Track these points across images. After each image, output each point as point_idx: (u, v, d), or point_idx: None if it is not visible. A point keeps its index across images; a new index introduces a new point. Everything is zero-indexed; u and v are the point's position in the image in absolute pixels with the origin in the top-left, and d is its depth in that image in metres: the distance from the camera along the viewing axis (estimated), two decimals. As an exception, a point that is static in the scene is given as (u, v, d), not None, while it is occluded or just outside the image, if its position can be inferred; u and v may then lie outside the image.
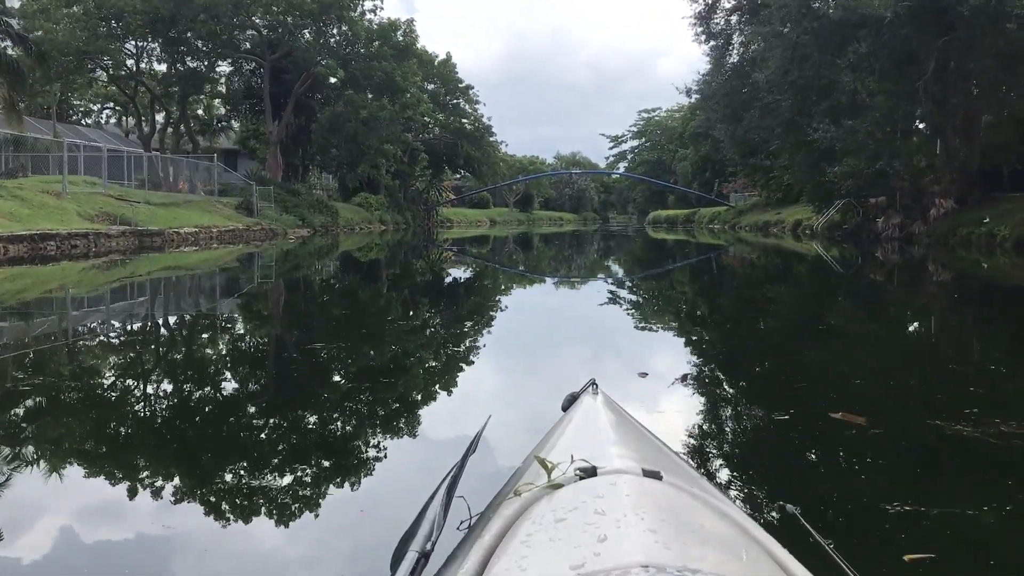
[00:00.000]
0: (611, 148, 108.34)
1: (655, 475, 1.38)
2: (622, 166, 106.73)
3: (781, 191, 51.64)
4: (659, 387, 5.39)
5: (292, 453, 3.95)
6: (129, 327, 8.62)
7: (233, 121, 48.99)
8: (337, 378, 6.00)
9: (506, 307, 11.40)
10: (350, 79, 36.22)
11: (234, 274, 16.58)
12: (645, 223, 79.34)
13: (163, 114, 42.44)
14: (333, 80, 37.06)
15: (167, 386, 5.57)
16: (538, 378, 6.22)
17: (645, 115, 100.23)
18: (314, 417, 4.73)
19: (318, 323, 9.36)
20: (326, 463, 3.80)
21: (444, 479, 1.59)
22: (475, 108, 55.05)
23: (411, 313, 10.38)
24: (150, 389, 5.50)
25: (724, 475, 3.60)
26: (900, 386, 5.73)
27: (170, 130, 40.46)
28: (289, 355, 7.01)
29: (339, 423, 4.65)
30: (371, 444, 4.12)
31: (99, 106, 56.99)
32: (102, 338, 7.75)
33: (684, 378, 5.53)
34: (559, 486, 1.36)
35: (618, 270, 20.55)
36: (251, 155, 44.13)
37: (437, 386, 5.65)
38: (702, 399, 5.13)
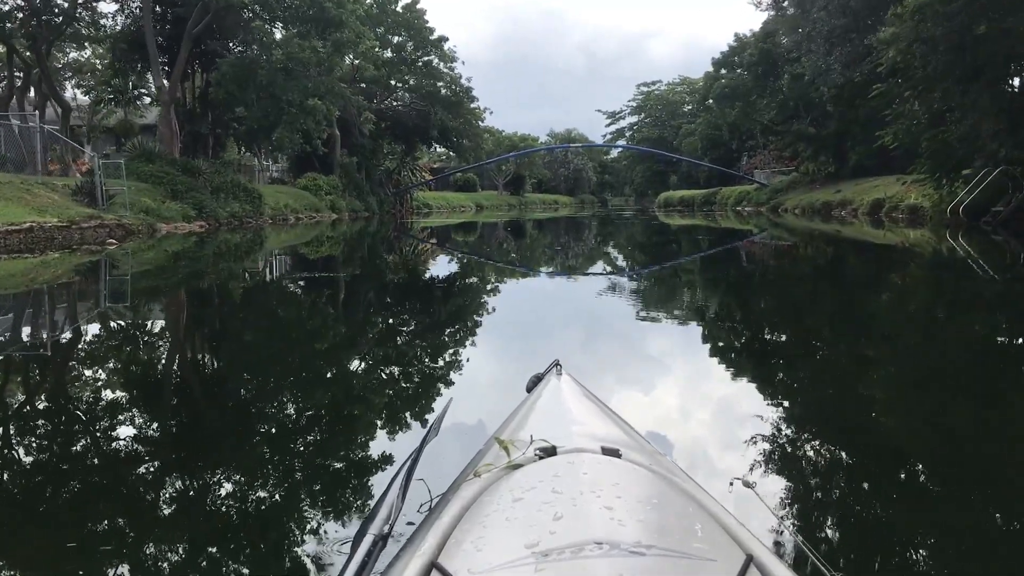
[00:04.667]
0: (608, 125, 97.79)
1: (614, 453, 1.37)
2: (621, 144, 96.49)
3: (833, 165, 42.16)
4: (629, 368, 5.41)
5: (252, 436, 3.83)
6: None
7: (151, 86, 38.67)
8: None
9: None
10: (263, 7, 25.75)
11: None
12: (655, 206, 68.86)
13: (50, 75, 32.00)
14: (246, 15, 26.49)
15: None
16: (505, 364, 5.96)
17: (644, 89, 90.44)
18: (275, 405, 4.56)
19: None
20: (287, 449, 3.66)
21: (404, 463, 1.60)
22: (451, 67, 44.50)
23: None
24: None
25: (686, 453, 3.53)
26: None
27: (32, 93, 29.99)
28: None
29: (303, 415, 4.34)
30: (338, 433, 4.00)
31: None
32: None
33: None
34: (518, 466, 1.34)
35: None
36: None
37: (404, 373, 5.40)
38: (672, 380, 5.06)
